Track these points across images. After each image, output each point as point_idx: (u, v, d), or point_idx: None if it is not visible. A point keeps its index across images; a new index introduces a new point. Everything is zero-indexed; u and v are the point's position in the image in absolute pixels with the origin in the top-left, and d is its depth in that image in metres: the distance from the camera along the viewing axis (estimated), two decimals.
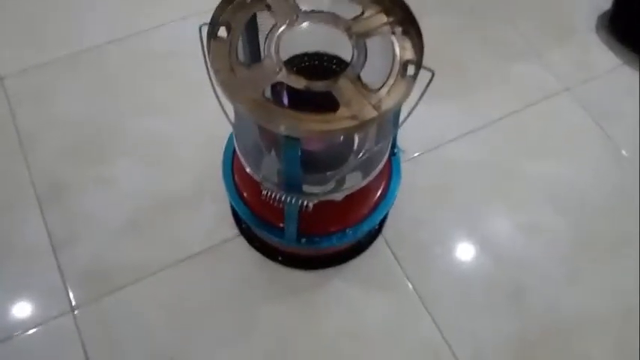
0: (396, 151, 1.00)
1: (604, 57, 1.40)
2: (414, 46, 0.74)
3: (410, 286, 1.07)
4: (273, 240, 0.98)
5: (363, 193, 0.91)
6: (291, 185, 0.80)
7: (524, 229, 1.14)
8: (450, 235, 1.13)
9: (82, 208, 1.12)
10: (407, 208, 1.14)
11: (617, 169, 1.23)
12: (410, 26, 0.75)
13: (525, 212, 1.17)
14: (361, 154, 0.89)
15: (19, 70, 1.29)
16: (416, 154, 1.22)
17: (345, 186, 0.87)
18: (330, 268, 1.07)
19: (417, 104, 0.73)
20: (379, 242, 1.11)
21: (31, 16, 1.39)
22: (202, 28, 0.72)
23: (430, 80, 0.69)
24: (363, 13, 0.77)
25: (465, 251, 1.12)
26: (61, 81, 1.28)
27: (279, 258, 1.07)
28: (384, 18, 0.76)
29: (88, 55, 1.32)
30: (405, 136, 1.01)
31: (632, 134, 1.27)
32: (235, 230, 1.10)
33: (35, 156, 1.17)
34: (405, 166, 1.03)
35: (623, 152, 1.25)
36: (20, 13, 1.40)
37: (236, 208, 0.97)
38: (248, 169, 0.86)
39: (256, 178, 0.85)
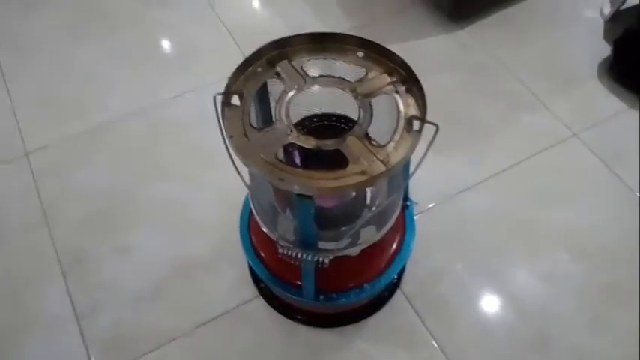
0: (408, 203, 1.02)
1: (608, 102, 1.43)
2: (417, 102, 0.77)
3: (434, 342, 1.05)
4: (291, 298, 0.98)
5: (379, 247, 0.92)
6: (307, 242, 0.82)
7: (544, 278, 1.13)
8: (470, 287, 1.13)
9: (103, 277, 1.14)
10: (424, 260, 1.14)
11: (631, 211, 1.23)
12: (412, 84, 0.78)
13: (544, 260, 1.16)
14: (374, 208, 0.91)
15: (43, 144, 1.35)
16: (430, 206, 1.23)
17: (360, 241, 0.88)
18: (349, 326, 1.07)
19: (424, 155, 0.75)
20: (398, 296, 1.10)
21: (53, 93, 1.47)
22: (216, 98, 0.76)
23: (435, 133, 0.71)
24: (367, 74, 0.81)
25: (486, 303, 1.11)
26: (82, 153, 1.34)
27: (298, 317, 1.06)
28: (387, 78, 0.80)
29: (108, 128, 1.39)
30: (418, 189, 1.03)
31: None
32: (254, 291, 1.11)
33: (58, 227, 1.21)
34: (419, 218, 1.04)
35: (637, 194, 1.25)
36: (43, 90, 1.48)
37: (254, 268, 0.98)
38: (264, 229, 0.88)
39: (272, 237, 0.87)
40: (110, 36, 1.61)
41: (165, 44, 1.62)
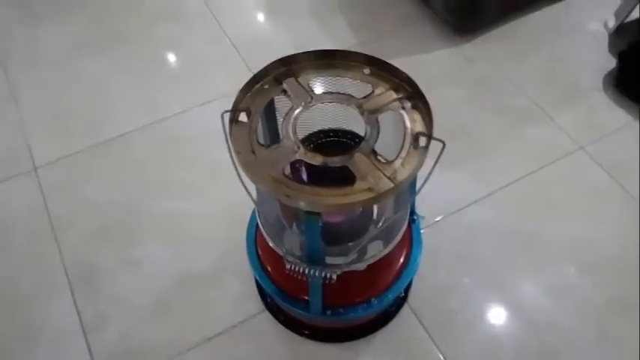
0: (415, 218, 1.02)
1: (614, 114, 1.43)
2: (423, 118, 0.78)
3: (441, 357, 1.05)
4: (298, 313, 0.98)
5: (386, 261, 0.92)
6: (314, 258, 0.82)
7: (551, 291, 1.13)
8: (477, 301, 1.12)
9: (111, 290, 1.14)
10: (431, 274, 1.14)
11: (637, 223, 1.22)
12: (418, 101, 0.79)
13: (551, 273, 1.16)
14: (381, 224, 0.91)
15: (51, 159, 1.36)
16: (436, 220, 1.23)
17: (367, 256, 0.88)
18: (357, 341, 1.06)
19: (431, 172, 0.75)
20: (406, 311, 1.10)
21: (61, 107, 1.49)
22: (224, 115, 0.76)
23: (442, 150, 0.72)
24: (373, 91, 0.81)
25: (493, 317, 1.10)
26: (90, 168, 1.35)
27: (306, 332, 1.06)
28: (393, 95, 0.80)
29: (115, 143, 1.40)
30: (425, 203, 1.03)
31: None
32: (260, 305, 1.11)
33: (66, 241, 1.22)
34: (426, 233, 1.04)
35: None
36: (51, 103, 1.50)
37: (261, 283, 0.98)
38: (271, 244, 0.89)
39: (279, 252, 0.87)
40: (118, 50, 1.62)
41: (172, 59, 1.64)
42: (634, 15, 1.56)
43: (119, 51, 1.62)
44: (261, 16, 1.77)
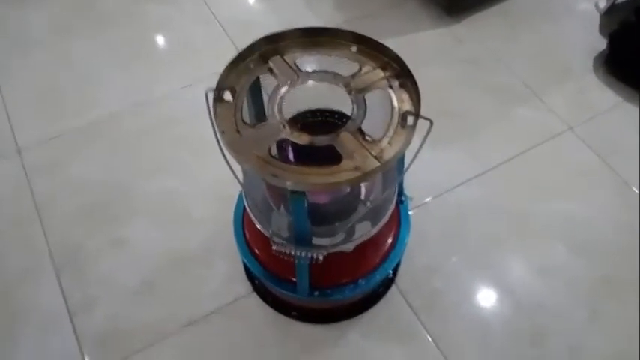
0: (403, 198, 1.02)
1: (604, 95, 1.43)
2: (411, 97, 0.77)
3: (428, 337, 1.05)
4: (286, 294, 0.98)
5: (373, 242, 0.92)
6: (301, 239, 0.81)
7: (540, 271, 1.13)
8: (466, 281, 1.12)
9: (97, 271, 1.14)
10: (419, 255, 1.14)
11: (627, 205, 1.23)
12: (406, 79, 0.78)
13: (540, 254, 1.16)
14: (368, 204, 0.90)
15: (35, 140, 1.34)
16: (425, 201, 1.23)
17: (354, 236, 0.88)
18: (344, 321, 1.06)
19: (419, 151, 0.74)
20: (394, 291, 1.10)
21: (46, 89, 1.46)
22: (208, 93, 0.75)
23: (429, 129, 0.71)
24: (360, 69, 0.80)
25: (482, 297, 1.11)
26: (75, 149, 1.33)
27: (293, 313, 1.06)
28: (381, 73, 0.79)
29: (102, 123, 1.38)
30: (413, 183, 1.03)
31: None
32: (248, 286, 1.10)
33: (51, 222, 1.20)
34: (414, 213, 1.04)
35: (634, 189, 1.25)
36: (37, 85, 1.47)
37: (248, 264, 0.98)
38: (258, 226, 0.88)
39: (266, 233, 0.86)
40: (104, 31, 1.59)
41: (159, 39, 1.61)
42: None
43: (107, 32, 1.59)
44: None
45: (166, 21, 1.63)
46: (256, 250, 0.97)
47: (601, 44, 1.50)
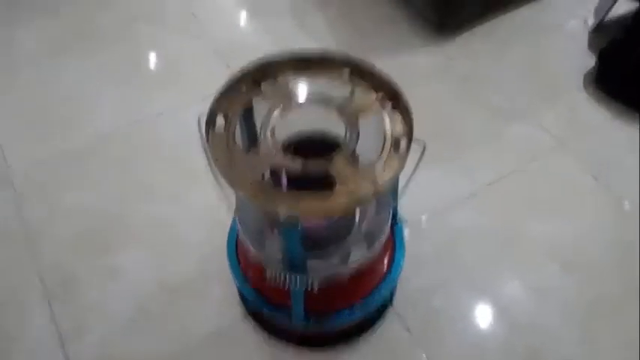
0: (397, 220, 1.01)
1: (594, 112, 1.43)
2: (404, 119, 0.76)
3: (425, 359, 1.04)
4: (281, 321, 0.96)
5: (369, 266, 0.91)
6: (295, 264, 0.80)
7: (535, 291, 1.13)
8: (462, 303, 1.11)
9: (89, 299, 1.12)
10: (415, 277, 1.13)
11: (620, 222, 1.23)
12: (399, 101, 0.78)
13: (535, 273, 1.15)
14: (363, 227, 0.90)
15: (27, 164, 1.33)
16: (419, 221, 1.22)
17: (349, 260, 0.87)
18: (341, 346, 1.05)
19: (412, 175, 0.74)
20: (390, 314, 1.09)
21: (38, 112, 1.45)
22: (201, 119, 0.74)
23: (422, 152, 0.71)
24: (353, 92, 0.80)
25: (477, 318, 1.10)
26: (66, 172, 1.32)
27: (289, 338, 1.04)
28: (373, 96, 0.79)
29: (93, 146, 1.37)
30: (407, 204, 1.02)
31: (632, 187, 1.28)
32: (243, 312, 1.09)
33: (42, 249, 1.18)
34: (409, 234, 1.03)
35: (626, 205, 1.25)
36: (27, 107, 1.46)
37: (241, 290, 0.96)
38: (252, 251, 0.87)
39: (260, 259, 0.85)
40: (95, 52, 1.59)
41: (152, 60, 1.61)
42: (613, 13, 1.57)
43: (98, 53, 1.59)
44: (241, 17, 1.75)
45: (158, 42, 1.63)
46: (250, 275, 0.96)
47: (590, 61, 1.52)
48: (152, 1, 1.76)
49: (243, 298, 1.09)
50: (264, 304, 0.94)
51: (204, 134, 0.74)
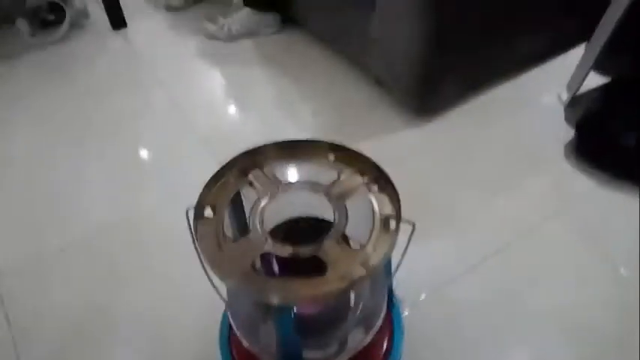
0: (394, 302, 0.99)
1: (579, 182, 1.46)
2: (391, 200, 0.77)
3: None
4: None
5: (367, 352, 0.88)
6: (290, 354, 0.78)
7: None
8: None
9: None
10: (416, 358, 1.09)
11: (616, 288, 1.21)
12: (385, 183, 0.79)
13: (539, 348, 1.12)
14: (359, 311, 0.88)
15: (12, 263, 1.31)
16: (416, 300, 1.20)
17: (347, 346, 0.84)
18: None
19: (404, 255, 0.74)
20: None
21: (26, 208, 1.46)
22: (189, 211, 0.75)
23: (412, 232, 0.71)
24: (339, 176, 0.81)
25: None
26: (53, 272, 1.29)
27: None
28: (359, 179, 0.80)
29: (78, 242, 1.36)
30: (403, 283, 1.01)
31: (626, 252, 1.27)
32: None
33: (29, 352, 1.14)
34: (407, 315, 1.01)
35: (622, 271, 1.24)
36: (17, 204, 1.46)
37: None
38: (245, 342, 0.84)
39: (254, 350, 0.83)
40: (84, 151, 1.62)
41: (140, 157, 1.64)
42: (586, 85, 1.64)
43: (85, 152, 1.62)
44: (227, 111, 1.81)
45: (145, 137, 1.67)
46: None
47: (569, 133, 1.56)
48: (139, 96, 1.83)
49: None
50: None
51: (192, 227, 0.74)
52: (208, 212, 0.76)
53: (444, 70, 1.57)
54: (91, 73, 1.94)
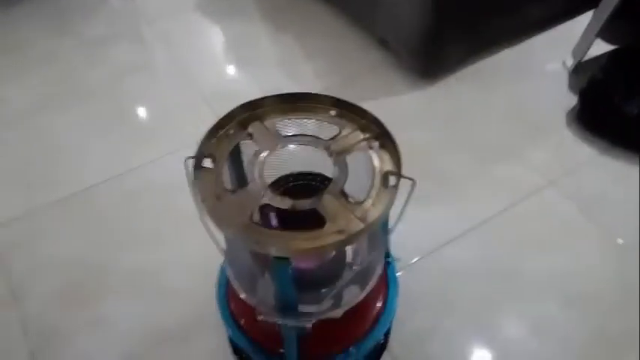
0: (390, 260, 1.00)
1: (580, 150, 1.45)
2: (392, 157, 0.77)
3: None
4: None
5: (362, 307, 0.89)
6: (287, 307, 0.78)
7: (533, 329, 1.11)
8: (459, 344, 1.09)
9: (74, 351, 1.08)
10: (411, 318, 1.10)
11: (614, 257, 1.22)
12: (386, 140, 0.78)
13: (533, 311, 1.14)
14: (355, 267, 0.88)
15: (10, 217, 1.31)
16: (412, 261, 1.21)
17: (342, 302, 0.85)
18: None
19: (403, 211, 0.74)
20: (386, 358, 1.06)
21: (22, 165, 1.45)
22: (188, 161, 0.74)
23: (412, 187, 0.70)
24: (340, 132, 0.80)
25: (476, 359, 1.07)
26: (51, 225, 1.30)
27: None
28: (360, 135, 0.79)
29: (78, 197, 1.36)
30: (399, 244, 1.01)
31: (624, 221, 1.28)
32: None
33: (27, 304, 1.15)
34: (402, 275, 1.02)
35: (619, 240, 1.25)
36: (16, 160, 1.45)
37: (233, 337, 0.93)
38: (242, 295, 0.85)
39: (251, 302, 0.83)
40: (83, 104, 1.60)
41: (139, 111, 1.62)
42: (590, 53, 1.62)
43: (85, 105, 1.60)
44: (228, 67, 1.78)
45: (145, 92, 1.65)
46: (242, 322, 0.93)
47: (572, 100, 1.55)
48: (140, 54, 1.80)
49: (234, 346, 1.06)
50: (256, 350, 0.91)
51: (191, 176, 0.74)
52: (207, 163, 0.76)
53: (449, 33, 1.54)
54: (91, 26, 1.90)
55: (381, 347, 1.06)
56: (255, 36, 1.85)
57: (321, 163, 0.80)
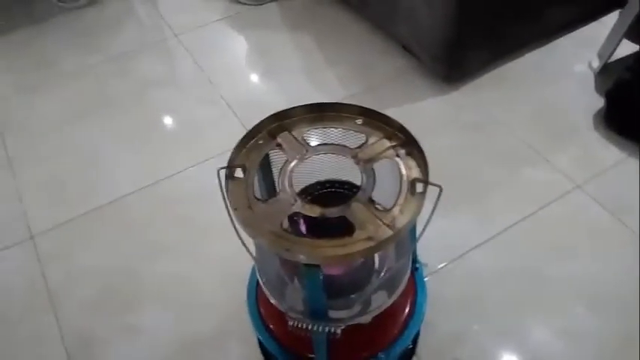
0: (417, 265, 1.00)
1: (607, 152, 1.44)
2: (418, 165, 0.78)
3: None
4: None
5: (391, 312, 0.90)
6: (317, 313, 0.80)
7: (562, 333, 1.10)
8: (488, 349, 1.09)
9: (110, 359, 1.11)
10: (438, 323, 1.11)
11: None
12: (412, 147, 0.79)
13: (561, 316, 1.13)
14: (383, 273, 0.89)
15: (48, 227, 1.36)
16: (440, 267, 1.21)
17: (371, 307, 0.86)
18: None
19: (430, 217, 0.75)
20: None
21: (58, 175, 1.49)
22: (220, 171, 0.76)
23: (439, 194, 0.71)
24: (367, 140, 0.82)
25: None
26: (86, 234, 1.34)
27: None
28: (387, 143, 0.81)
29: (111, 208, 1.40)
30: (427, 250, 1.02)
31: None
32: None
33: (64, 311, 1.19)
34: (430, 280, 1.02)
35: None
36: (48, 172, 1.50)
37: (263, 342, 0.95)
38: (272, 300, 0.87)
39: (281, 308, 0.85)
40: (112, 117, 1.65)
41: (168, 122, 1.66)
42: (617, 55, 1.60)
43: (114, 117, 1.65)
44: (253, 77, 1.81)
45: (172, 104, 1.69)
46: (272, 327, 0.95)
47: (599, 102, 1.54)
48: (168, 66, 1.84)
49: (264, 352, 1.08)
50: (287, 355, 0.92)
51: (223, 185, 0.76)
52: (238, 173, 0.78)
53: (471, 38, 1.55)
54: (118, 39, 1.96)
55: (410, 352, 1.07)
56: (280, 45, 1.88)
57: (349, 172, 0.82)
